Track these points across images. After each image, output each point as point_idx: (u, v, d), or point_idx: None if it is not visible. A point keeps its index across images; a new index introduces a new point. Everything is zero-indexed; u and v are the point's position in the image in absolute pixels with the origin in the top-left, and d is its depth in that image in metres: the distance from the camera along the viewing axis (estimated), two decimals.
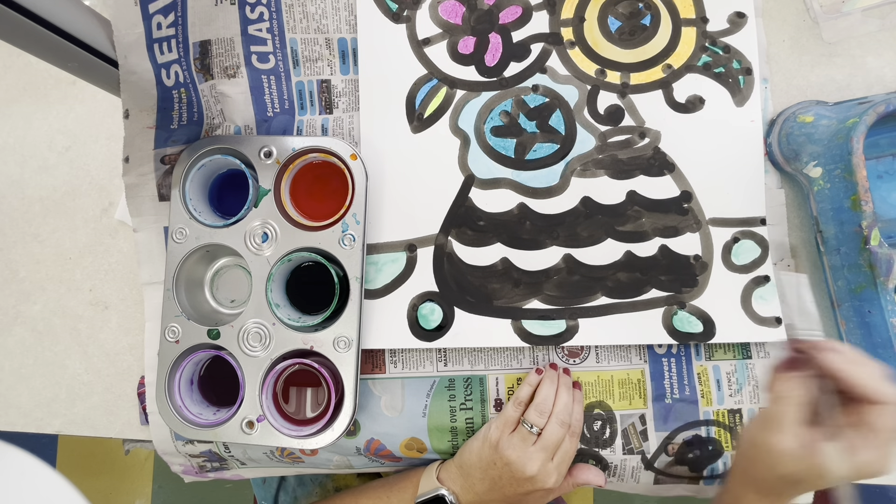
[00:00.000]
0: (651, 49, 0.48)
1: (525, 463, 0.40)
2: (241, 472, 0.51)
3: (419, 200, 0.47)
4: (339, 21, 0.49)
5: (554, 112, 0.48)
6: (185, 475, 0.51)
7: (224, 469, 0.51)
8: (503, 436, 0.42)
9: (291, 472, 0.51)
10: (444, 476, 0.44)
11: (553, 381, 0.44)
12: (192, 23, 0.47)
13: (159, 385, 0.44)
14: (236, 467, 0.50)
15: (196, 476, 0.51)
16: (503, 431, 0.42)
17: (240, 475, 0.51)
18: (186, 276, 0.46)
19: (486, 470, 0.42)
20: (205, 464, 0.50)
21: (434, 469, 0.44)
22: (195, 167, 0.46)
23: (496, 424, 0.43)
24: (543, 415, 0.42)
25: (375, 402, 0.47)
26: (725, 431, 0.45)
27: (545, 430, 0.42)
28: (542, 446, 0.41)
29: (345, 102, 0.49)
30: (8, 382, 0.52)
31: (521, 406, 0.43)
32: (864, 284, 0.41)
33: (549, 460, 0.41)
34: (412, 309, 0.46)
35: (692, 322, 0.45)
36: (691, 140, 0.47)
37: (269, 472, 0.51)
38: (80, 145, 0.54)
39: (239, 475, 0.51)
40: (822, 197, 0.43)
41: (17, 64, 0.56)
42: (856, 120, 0.40)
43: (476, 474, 0.42)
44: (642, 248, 0.46)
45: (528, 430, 0.42)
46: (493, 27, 0.49)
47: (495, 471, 0.41)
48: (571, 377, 0.46)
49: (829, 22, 0.48)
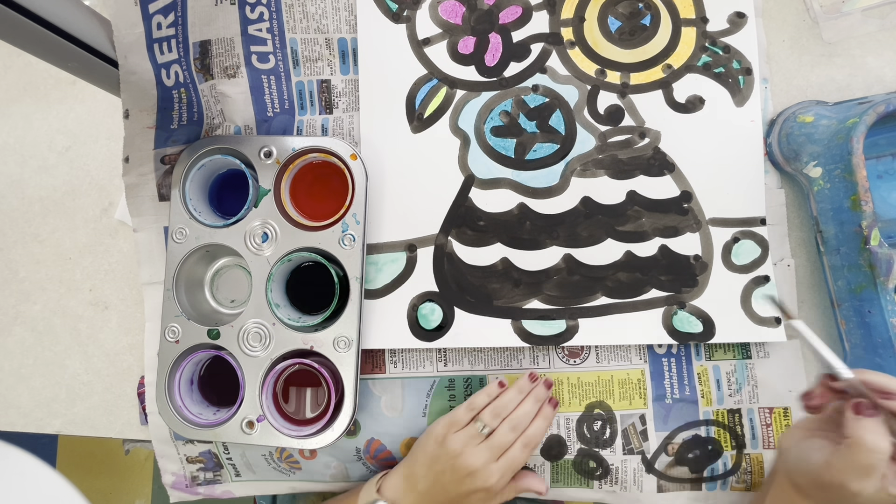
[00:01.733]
0: (651, 49, 0.48)
1: (468, 455, 0.40)
2: (231, 488, 0.49)
3: (419, 200, 0.47)
4: (339, 21, 0.49)
5: (554, 112, 0.48)
6: (174, 489, 0.49)
7: (216, 482, 0.49)
8: (449, 432, 0.42)
9: (285, 486, 0.49)
10: (384, 485, 0.43)
11: (521, 392, 0.44)
12: (192, 23, 0.47)
13: (159, 385, 0.44)
14: (230, 480, 0.49)
15: (184, 492, 0.49)
16: (449, 429, 0.42)
17: (230, 492, 0.50)
18: (186, 276, 0.46)
19: (430, 466, 0.41)
20: (198, 473, 0.49)
21: (375, 480, 0.44)
22: (195, 167, 0.46)
23: (443, 422, 0.43)
24: (497, 417, 0.42)
25: (375, 402, 0.47)
26: (725, 431, 0.45)
27: (496, 431, 0.42)
28: (488, 445, 0.41)
29: (345, 102, 0.49)
30: (8, 382, 0.52)
31: (472, 411, 0.43)
32: (864, 284, 0.41)
33: (494, 460, 0.41)
34: (412, 309, 0.46)
35: (692, 322, 0.45)
36: (691, 140, 0.47)
37: (261, 487, 0.50)
38: (80, 145, 0.54)
39: (229, 492, 0.50)
40: (822, 197, 0.43)
41: (17, 64, 0.56)
42: (856, 120, 0.40)
43: (420, 471, 0.42)
44: (642, 248, 0.46)
45: (478, 429, 0.42)
46: (493, 27, 0.49)
47: (439, 465, 0.41)
48: (550, 392, 0.45)
49: (829, 22, 0.48)
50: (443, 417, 0.44)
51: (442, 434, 0.42)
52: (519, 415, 0.42)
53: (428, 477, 0.41)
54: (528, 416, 0.43)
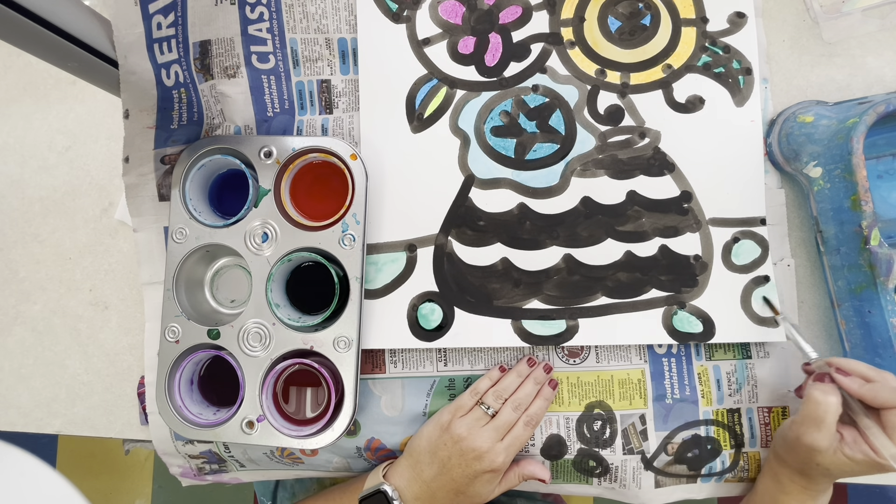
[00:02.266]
0: (651, 49, 0.48)
1: (475, 438, 0.41)
2: (239, 475, 0.51)
3: (419, 200, 0.47)
4: (339, 21, 0.49)
5: (554, 112, 0.48)
6: (183, 478, 0.51)
7: (222, 472, 0.50)
8: (455, 417, 0.43)
9: (291, 474, 0.51)
10: (390, 472, 0.44)
11: (520, 375, 0.45)
12: (192, 23, 0.47)
13: (159, 385, 0.44)
14: (235, 469, 0.50)
15: (194, 479, 0.51)
16: (455, 414, 0.43)
17: (238, 478, 0.51)
18: (186, 276, 0.46)
19: (434, 452, 0.42)
20: (203, 465, 0.50)
21: (382, 467, 0.45)
22: (195, 167, 0.46)
23: (448, 409, 0.44)
24: (500, 399, 0.44)
25: (375, 402, 0.47)
26: (724, 431, 0.45)
27: (500, 412, 0.43)
28: (493, 426, 0.42)
29: (345, 102, 0.49)
30: (8, 382, 0.52)
31: (476, 396, 0.44)
32: (864, 284, 0.41)
33: (499, 440, 0.42)
34: (412, 309, 0.46)
35: (692, 322, 0.45)
36: (691, 140, 0.47)
37: (267, 474, 0.51)
38: (80, 145, 0.54)
39: (237, 478, 0.51)
40: (822, 197, 0.43)
41: (17, 64, 0.56)
42: (856, 120, 0.40)
43: (425, 459, 0.43)
44: (642, 248, 0.46)
45: (482, 410, 0.43)
46: (493, 27, 0.49)
47: (445, 451, 0.42)
48: (551, 374, 0.46)
49: (829, 22, 0.48)
50: (448, 405, 0.45)
51: (447, 420, 0.43)
52: (521, 396, 0.44)
53: (433, 465, 0.42)
54: (529, 397, 0.44)
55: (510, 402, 0.43)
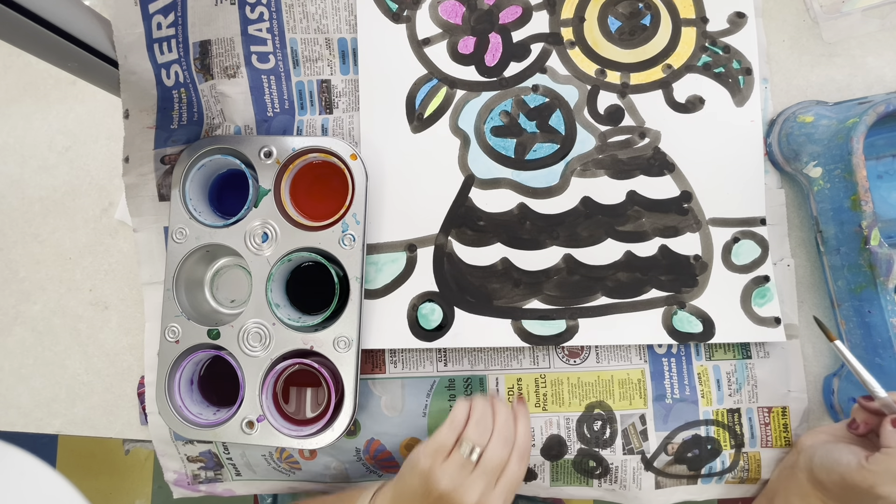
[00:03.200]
0: (651, 49, 0.48)
1: (463, 494, 0.35)
2: (233, 487, 0.50)
3: (419, 200, 0.47)
4: (339, 21, 0.49)
5: (554, 112, 0.48)
6: (177, 486, 0.50)
7: (217, 481, 0.50)
8: (435, 464, 0.36)
9: (285, 486, 0.49)
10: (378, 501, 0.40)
11: (486, 400, 0.41)
12: (192, 23, 0.47)
13: (159, 385, 0.44)
14: (230, 479, 0.50)
15: (186, 489, 0.50)
16: (435, 459, 0.36)
17: (231, 490, 0.50)
18: (186, 276, 0.46)
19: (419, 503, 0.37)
20: (199, 472, 0.49)
21: (370, 494, 0.40)
22: (195, 167, 0.46)
23: (426, 452, 0.37)
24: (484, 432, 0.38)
25: (375, 402, 0.47)
26: (724, 431, 0.45)
27: (487, 450, 0.37)
28: (482, 471, 0.36)
29: (345, 102, 0.49)
30: (8, 382, 0.52)
31: (457, 429, 0.38)
32: (864, 284, 0.41)
33: (492, 487, 0.36)
34: (412, 309, 0.46)
35: (692, 322, 0.45)
36: (691, 140, 0.47)
37: (262, 486, 0.50)
38: (80, 145, 0.54)
39: (230, 490, 0.50)
40: (822, 197, 0.43)
41: (17, 64, 0.56)
42: (856, 120, 0.40)
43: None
44: (642, 248, 0.46)
45: (466, 453, 0.37)
46: (493, 27, 0.49)
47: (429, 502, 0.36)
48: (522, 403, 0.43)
49: (829, 22, 0.48)
50: (425, 444, 0.38)
51: (427, 467, 0.36)
52: (501, 421, 0.39)
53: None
54: (510, 422, 0.39)
55: (497, 435, 0.38)
